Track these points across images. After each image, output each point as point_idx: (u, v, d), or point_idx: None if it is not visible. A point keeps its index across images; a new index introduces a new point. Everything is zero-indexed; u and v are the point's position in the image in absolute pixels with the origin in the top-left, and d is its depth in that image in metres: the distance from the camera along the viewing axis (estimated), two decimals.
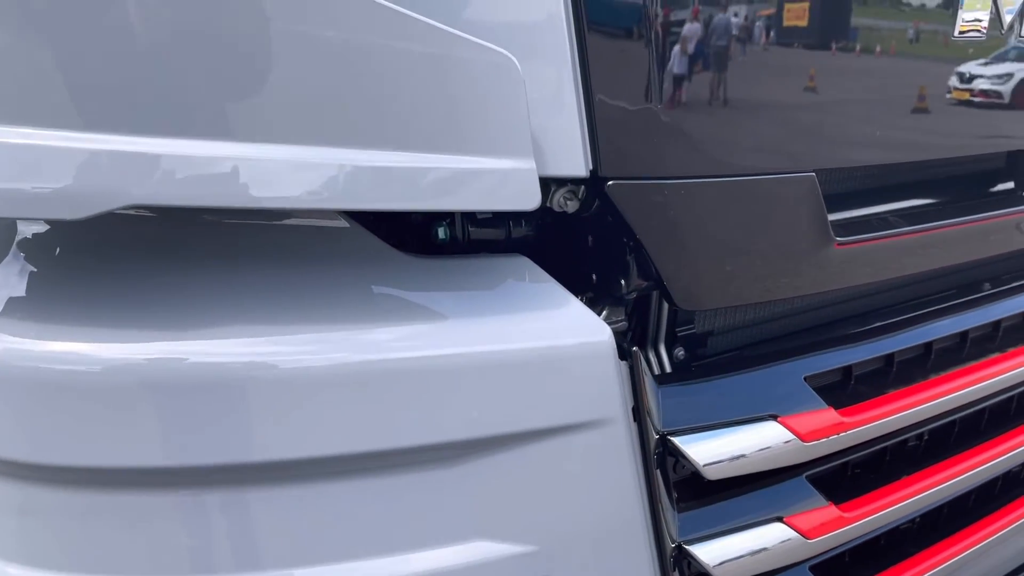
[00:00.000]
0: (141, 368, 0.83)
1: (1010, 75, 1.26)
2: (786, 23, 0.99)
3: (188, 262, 0.90)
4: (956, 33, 1.12)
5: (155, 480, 0.87)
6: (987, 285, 1.52)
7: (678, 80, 0.93)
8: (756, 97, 1.00)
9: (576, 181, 0.96)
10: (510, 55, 0.77)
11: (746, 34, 0.96)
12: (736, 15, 0.95)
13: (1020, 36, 1.20)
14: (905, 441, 1.41)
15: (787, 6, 0.98)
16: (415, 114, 0.77)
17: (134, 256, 0.90)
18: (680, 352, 1.26)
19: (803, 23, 1.01)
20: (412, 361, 0.88)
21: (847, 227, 1.15)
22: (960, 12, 1.12)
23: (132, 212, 0.89)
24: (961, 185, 1.38)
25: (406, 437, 0.90)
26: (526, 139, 0.81)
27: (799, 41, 1.01)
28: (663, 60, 0.91)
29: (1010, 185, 1.38)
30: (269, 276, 0.89)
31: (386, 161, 0.77)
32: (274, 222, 0.91)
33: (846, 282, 1.19)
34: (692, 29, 0.92)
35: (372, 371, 0.87)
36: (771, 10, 0.97)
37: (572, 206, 0.99)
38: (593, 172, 0.91)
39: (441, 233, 1.01)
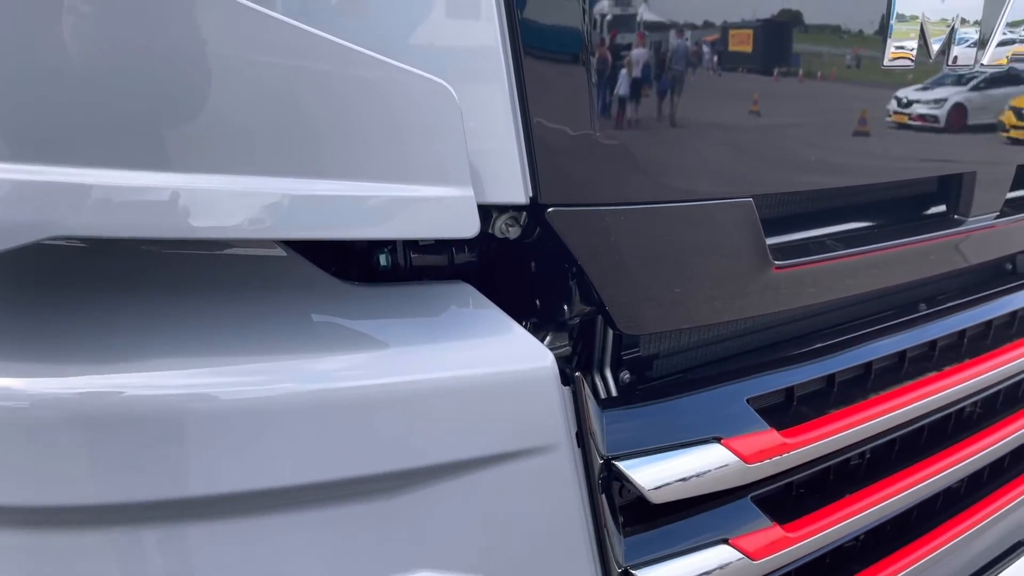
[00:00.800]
0: (73, 403, 0.81)
1: (944, 100, 1.30)
2: (727, 49, 1.00)
3: (122, 293, 0.88)
4: (886, 62, 1.15)
5: (89, 518, 0.85)
6: (923, 306, 1.56)
7: (615, 106, 0.94)
8: (693, 123, 1.01)
9: (517, 208, 0.96)
10: (446, 84, 0.78)
11: (684, 60, 0.97)
12: (674, 41, 0.96)
13: (948, 65, 1.24)
14: (848, 460, 1.43)
15: (729, 32, 1.00)
16: (351, 143, 0.76)
17: (65, 288, 0.88)
18: (626, 375, 1.27)
19: (743, 49, 1.02)
20: (352, 391, 0.88)
21: (786, 251, 1.17)
22: (889, 40, 1.15)
23: (63, 243, 0.87)
24: (897, 208, 1.42)
25: (348, 468, 0.89)
26: (463, 167, 0.81)
27: (738, 68, 1.03)
28: (600, 86, 0.92)
29: (942, 208, 1.42)
30: (206, 307, 0.88)
31: (322, 190, 0.77)
32: (209, 252, 0.90)
33: (785, 305, 1.21)
34: (629, 55, 0.94)
35: (312, 402, 0.86)
36: (710, 36, 0.99)
37: (514, 232, 0.99)
38: (533, 199, 0.92)
39: (383, 260, 1.00)
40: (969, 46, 1.26)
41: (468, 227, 0.83)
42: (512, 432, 0.95)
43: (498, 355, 0.93)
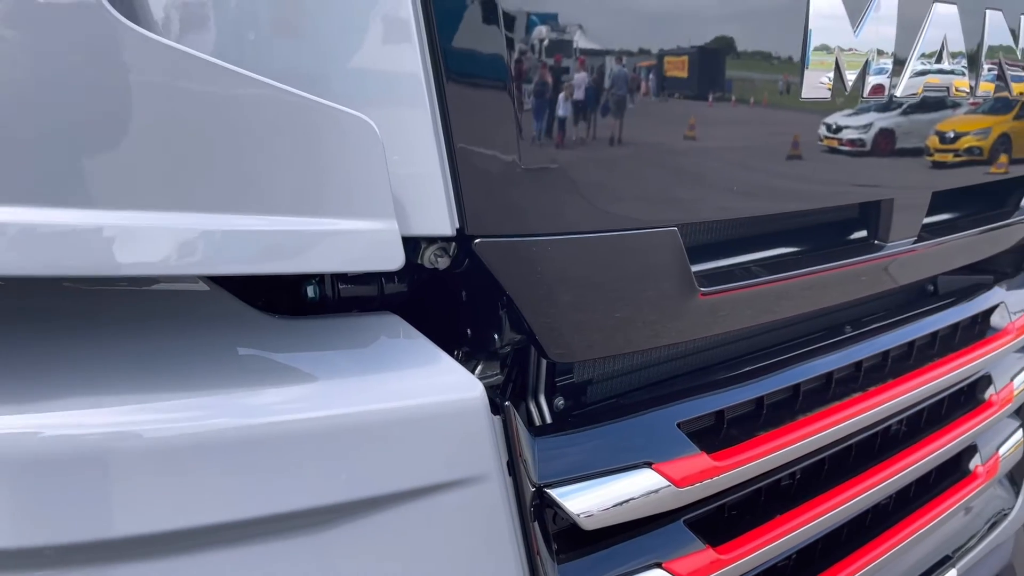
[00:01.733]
0: None
1: (864, 128, 1.34)
2: (652, 77, 1.03)
3: (39, 331, 0.86)
4: (804, 93, 1.18)
5: (8, 563, 0.83)
6: (848, 328, 1.60)
7: (540, 136, 0.95)
8: (619, 153, 1.03)
9: (445, 239, 0.97)
10: (366, 118, 0.78)
11: (609, 88, 0.99)
12: (598, 68, 0.98)
13: (864, 96, 1.29)
14: (779, 480, 1.46)
15: (653, 61, 1.02)
16: (272, 178, 0.76)
17: None
18: (560, 402, 1.28)
19: (672, 76, 1.05)
20: (277, 426, 0.87)
21: (712, 277, 1.20)
22: (807, 72, 1.19)
23: None
24: (820, 234, 1.46)
25: (274, 504, 0.88)
26: (386, 200, 0.81)
27: (663, 97, 1.05)
28: (524, 115, 0.93)
29: (863, 234, 1.46)
30: (125, 343, 0.86)
31: (244, 225, 0.76)
32: (129, 287, 0.88)
33: (712, 330, 1.23)
34: (552, 83, 0.95)
35: (236, 438, 0.85)
36: (635, 63, 1.01)
37: (443, 263, 1.00)
38: (460, 230, 0.93)
39: (311, 292, 1.00)
40: (884, 77, 1.31)
41: (392, 260, 0.83)
42: (441, 463, 0.95)
43: (426, 386, 0.93)
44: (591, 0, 0.98)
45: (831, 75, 1.21)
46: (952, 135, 1.53)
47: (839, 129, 1.31)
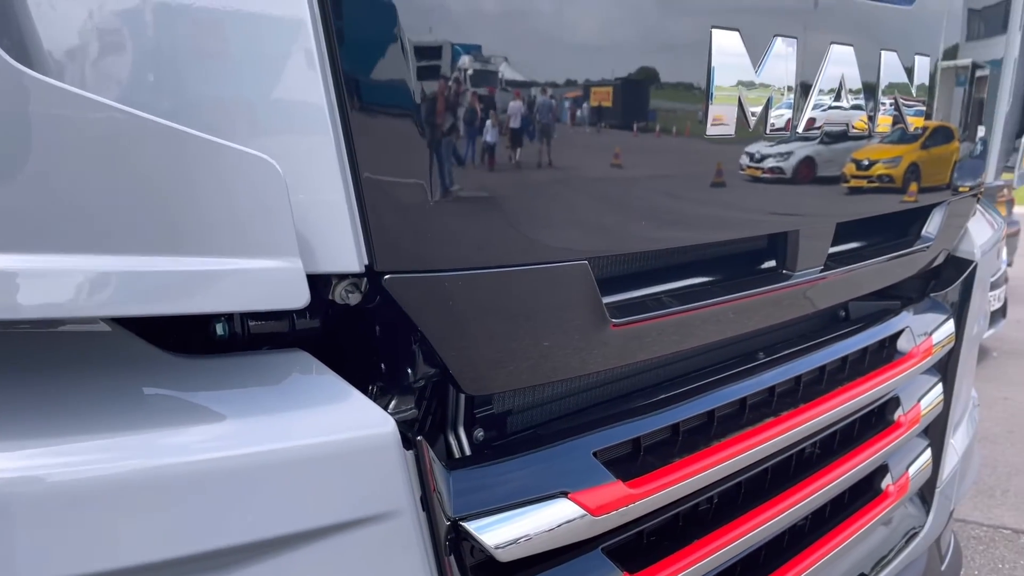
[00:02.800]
0: None
1: (771, 161, 1.39)
2: (561, 112, 1.05)
3: None
4: (708, 130, 1.22)
5: None
6: (761, 354, 1.65)
7: (449, 173, 0.96)
8: (529, 188, 1.05)
9: (355, 275, 0.97)
10: (268, 158, 0.78)
11: (518, 122, 1.01)
12: (507, 102, 1.00)
13: (766, 132, 1.34)
14: (696, 505, 1.49)
15: (569, 92, 1.05)
16: (174, 219, 0.76)
17: None
18: (480, 433, 1.29)
19: (581, 110, 1.07)
20: (183, 467, 0.85)
21: (623, 308, 1.22)
22: (710, 108, 1.23)
23: None
24: (732, 264, 1.50)
25: (182, 546, 0.87)
26: (290, 238, 0.81)
27: (572, 131, 1.07)
28: (432, 151, 0.94)
29: (772, 263, 1.51)
30: (25, 388, 0.84)
31: (145, 266, 0.75)
32: (30, 330, 0.86)
33: (625, 360, 1.26)
34: (461, 116, 0.96)
35: (139, 480, 0.83)
36: (545, 97, 1.03)
37: (354, 299, 1.00)
38: (369, 267, 0.93)
39: (219, 329, 0.99)
40: (786, 112, 1.36)
41: (297, 299, 0.83)
42: (352, 500, 0.94)
43: (335, 424, 0.93)
44: (498, 30, 0.99)
45: (735, 111, 1.26)
46: (852, 168, 1.59)
47: (746, 162, 1.35)
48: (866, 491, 1.92)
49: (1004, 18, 2.01)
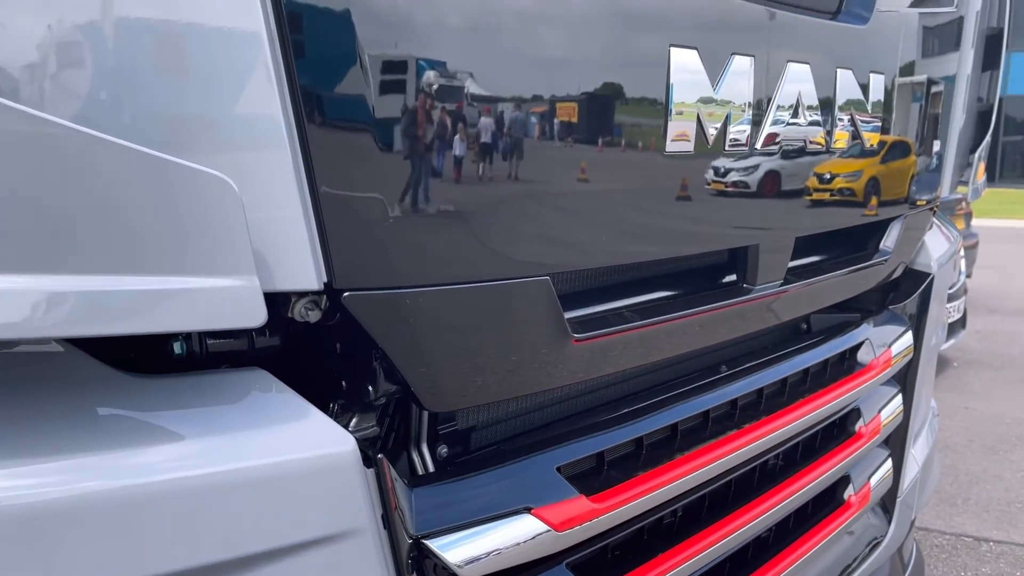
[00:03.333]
0: None
1: (731, 176, 1.41)
2: (522, 128, 1.05)
3: None
4: (667, 146, 1.24)
5: None
6: (724, 367, 1.66)
7: (408, 189, 0.96)
8: (490, 203, 1.05)
9: (315, 292, 0.96)
10: (223, 176, 0.78)
11: (478, 137, 1.01)
12: (468, 117, 1.00)
13: (726, 149, 1.35)
14: (661, 519, 1.50)
15: (529, 108, 1.05)
16: (127, 238, 0.75)
17: None
18: (443, 449, 1.28)
19: (542, 126, 1.08)
20: (141, 488, 0.84)
21: (586, 323, 1.23)
22: (670, 123, 1.24)
23: None
24: (693, 278, 1.52)
25: (139, 568, 0.85)
26: (246, 256, 0.81)
27: (533, 146, 1.07)
28: (391, 165, 0.94)
29: (733, 277, 1.53)
30: None
31: (98, 286, 0.74)
32: None
33: (588, 375, 1.26)
34: (420, 130, 0.96)
35: (96, 502, 0.82)
36: (506, 112, 1.03)
37: (314, 316, 0.99)
38: (328, 284, 0.93)
39: (177, 348, 0.98)
40: (745, 128, 1.38)
41: (254, 317, 0.83)
42: (312, 520, 0.94)
43: (294, 442, 0.92)
44: (459, 43, 0.99)
45: (694, 127, 1.27)
46: (812, 183, 1.62)
47: (706, 178, 1.37)
48: (829, 502, 1.94)
49: (957, 36, 2.06)
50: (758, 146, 1.41)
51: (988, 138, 2.31)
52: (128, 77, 0.76)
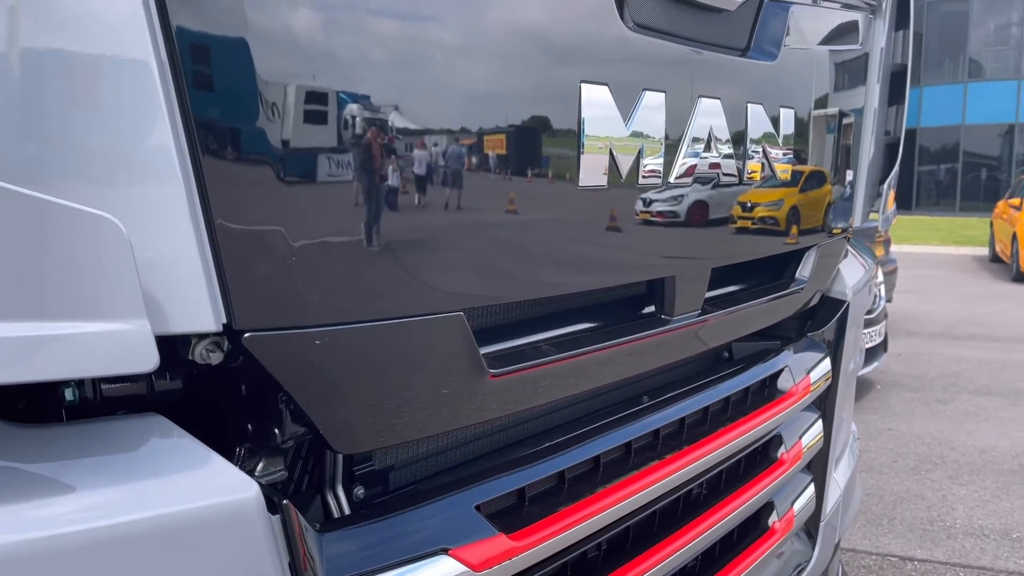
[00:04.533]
0: None
1: (649, 207, 1.42)
2: (430, 161, 1.04)
3: None
4: (581, 180, 1.24)
5: None
6: (645, 398, 1.67)
7: (311, 224, 0.94)
8: (396, 239, 1.03)
9: (215, 334, 0.93)
10: (108, 215, 0.75)
11: (384, 169, 0.99)
12: (371, 150, 0.97)
13: (639, 183, 1.36)
14: (585, 553, 1.48)
15: (440, 138, 1.04)
16: (5, 283, 0.71)
17: None
18: (360, 491, 1.25)
19: (452, 157, 1.06)
20: (26, 545, 0.79)
21: (502, 358, 1.21)
22: (582, 157, 1.24)
23: None
24: (612, 311, 1.52)
25: None
26: (136, 299, 0.77)
27: (440, 181, 1.06)
28: (294, 202, 0.92)
29: (652, 309, 1.53)
30: None
31: None
32: None
33: (506, 410, 1.25)
34: (322, 165, 0.93)
35: None
36: (413, 144, 1.01)
37: (216, 358, 0.96)
38: (228, 325, 0.89)
39: (69, 395, 0.93)
40: (658, 162, 1.39)
41: (144, 362, 0.79)
42: (215, 570, 0.89)
43: (194, 490, 0.88)
44: (357, 74, 0.97)
45: (606, 160, 1.28)
46: (726, 213, 1.64)
47: (620, 211, 1.38)
48: (754, 529, 1.96)
49: (863, 71, 2.13)
50: (672, 179, 1.43)
51: (896, 168, 2.39)
52: (3, 112, 0.72)
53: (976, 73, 34.54)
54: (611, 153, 1.28)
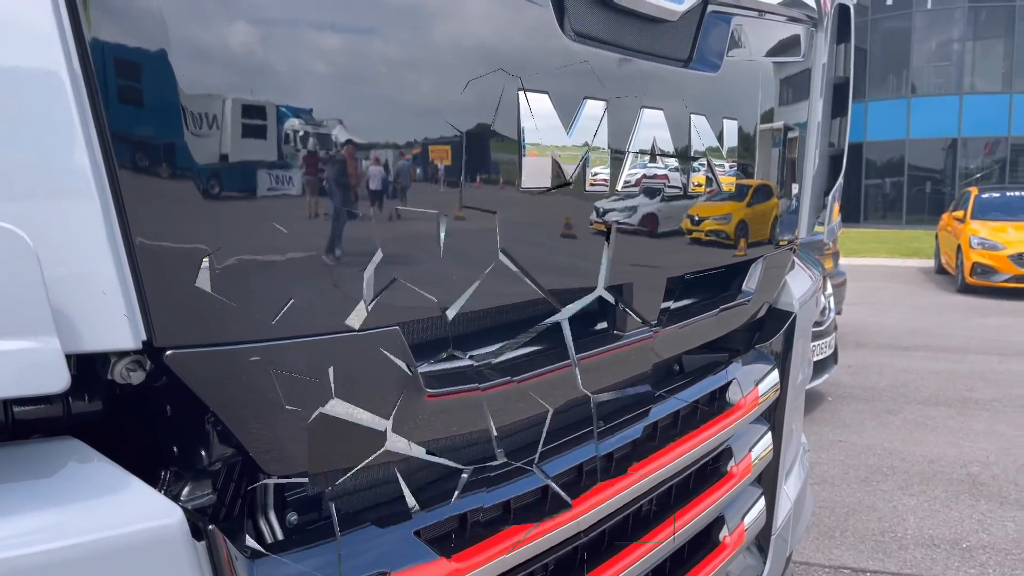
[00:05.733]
0: None
1: (599, 216, 1.40)
2: (362, 172, 1.01)
3: None
4: (520, 186, 1.21)
5: None
6: (601, 422, 1.64)
7: (236, 236, 0.90)
8: (328, 249, 0.99)
9: (136, 352, 0.89)
10: (12, 227, 0.70)
11: (312, 180, 0.95)
12: (298, 161, 0.94)
13: (585, 190, 1.35)
14: (532, 574, 1.45)
15: (372, 151, 1.01)
16: None
17: None
18: (293, 517, 1.20)
19: (390, 169, 1.04)
20: None
21: (441, 378, 1.18)
22: (523, 164, 1.22)
23: None
24: (560, 327, 1.49)
25: None
26: (44, 316, 0.73)
27: (372, 192, 1.02)
28: (216, 216, 0.88)
29: (604, 324, 1.51)
30: None
31: None
32: None
33: (442, 432, 1.21)
34: (247, 177, 0.90)
35: None
36: (341, 154, 0.98)
37: (137, 377, 0.91)
38: (148, 342, 0.85)
39: None
40: (603, 171, 1.37)
41: (54, 382, 0.75)
42: None
43: (110, 517, 0.83)
44: (285, 85, 0.94)
45: (548, 169, 1.26)
46: (674, 225, 1.64)
47: (565, 221, 1.35)
48: (704, 544, 1.94)
49: (806, 84, 2.15)
50: (619, 187, 1.41)
51: (841, 180, 2.41)
52: None
53: (919, 88, 35.48)
54: (553, 161, 1.26)
